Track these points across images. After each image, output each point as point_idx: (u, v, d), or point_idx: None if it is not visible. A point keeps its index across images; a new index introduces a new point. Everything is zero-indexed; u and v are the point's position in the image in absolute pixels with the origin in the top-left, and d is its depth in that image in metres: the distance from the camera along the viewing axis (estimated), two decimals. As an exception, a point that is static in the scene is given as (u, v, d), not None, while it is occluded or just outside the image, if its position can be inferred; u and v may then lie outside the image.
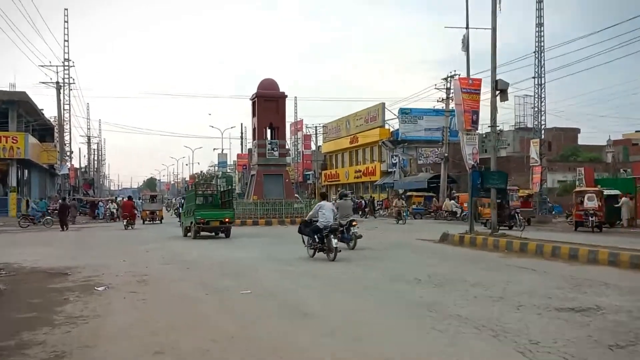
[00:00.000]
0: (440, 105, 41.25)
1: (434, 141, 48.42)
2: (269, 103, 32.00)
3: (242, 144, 67.86)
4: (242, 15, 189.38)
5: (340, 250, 13.14)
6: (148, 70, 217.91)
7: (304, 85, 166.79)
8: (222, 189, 22.84)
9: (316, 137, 60.95)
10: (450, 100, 40.15)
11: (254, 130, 33.25)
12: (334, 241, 12.99)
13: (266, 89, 32.33)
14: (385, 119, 52.19)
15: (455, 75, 38.74)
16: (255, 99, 32.50)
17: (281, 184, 31.89)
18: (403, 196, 46.45)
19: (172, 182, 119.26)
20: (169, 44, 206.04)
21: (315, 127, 60.69)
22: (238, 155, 69.95)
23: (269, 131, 32.77)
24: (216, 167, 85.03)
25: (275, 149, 32.05)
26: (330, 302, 8.13)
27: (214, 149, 75.40)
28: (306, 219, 13.84)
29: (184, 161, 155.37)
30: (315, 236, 13.32)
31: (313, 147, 63.64)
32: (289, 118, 56.53)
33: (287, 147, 36.12)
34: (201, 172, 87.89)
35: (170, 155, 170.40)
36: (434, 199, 38.88)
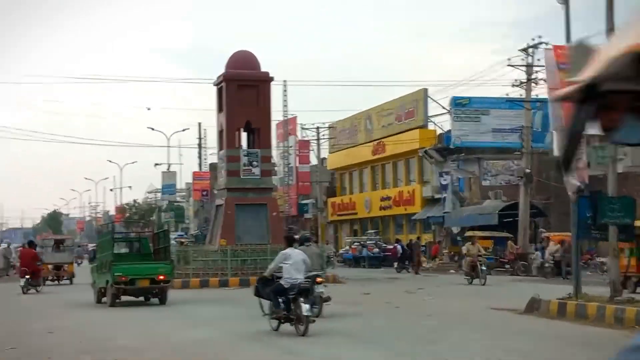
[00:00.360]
0: (518, 93, 41.18)
1: (508, 149, 48.46)
2: (244, 90, 32.41)
3: (199, 157, 67.89)
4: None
5: (314, 320, 14.09)
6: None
7: (296, 64, 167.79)
8: (158, 230, 24.90)
9: (318, 145, 61.34)
10: (534, 85, 40.31)
11: (220, 133, 33.56)
12: (305, 307, 13.77)
13: (240, 68, 32.60)
14: (429, 114, 52.96)
15: (542, 43, 38.67)
16: (223, 83, 32.85)
17: (264, 219, 32.18)
18: (459, 237, 46.32)
19: (88, 219, 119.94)
20: None
21: (317, 127, 60.87)
22: (194, 174, 70.04)
23: (244, 135, 33.20)
24: (158, 194, 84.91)
25: (256, 163, 32.43)
26: None
27: (156, 164, 75.03)
28: (265, 274, 14.92)
29: (107, 185, 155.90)
30: (280, 300, 14.22)
31: (313, 161, 64.21)
32: (276, 115, 56.36)
33: (273, 160, 36.20)
34: (135, 202, 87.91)
35: (84, 176, 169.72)
36: (509, 242, 38.68)
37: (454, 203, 47.85)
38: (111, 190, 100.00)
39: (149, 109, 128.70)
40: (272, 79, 33.15)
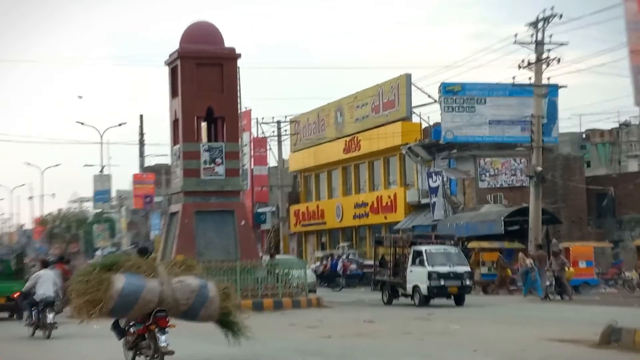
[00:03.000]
0: (525, 76, 39.52)
1: (508, 144, 47.94)
2: (205, 70, 30.96)
3: (141, 156, 64.95)
4: None
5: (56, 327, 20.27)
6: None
7: (250, 45, 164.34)
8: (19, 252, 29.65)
9: (279, 142, 59.92)
10: (545, 65, 38.70)
11: (174, 124, 32.05)
12: (50, 316, 20.11)
13: (199, 42, 31.03)
14: (413, 104, 51.58)
15: (554, 15, 37.71)
16: (177, 61, 31.19)
17: (231, 230, 30.77)
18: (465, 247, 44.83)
19: (3, 233, 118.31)
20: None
21: (278, 122, 59.20)
22: (135, 177, 67.43)
23: (203, 126, 31.79)
24: (85, 204, 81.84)
25: (220, 160, 30.87)
26: None
27: (86, 165, 72.30)
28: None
29: (22, 193, 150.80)
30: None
31: (272, 162, 63.23)
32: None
33: (240, 155, 34.32)
34: (60, 212, 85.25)
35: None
36: (520, 254, 36.94)
37: (445, 209, 46.52)
38: (30, 198, 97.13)
39: (80, 97, 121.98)
40: (238, 56, 31.31)
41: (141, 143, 63.10)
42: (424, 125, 51.47)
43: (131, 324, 14.06)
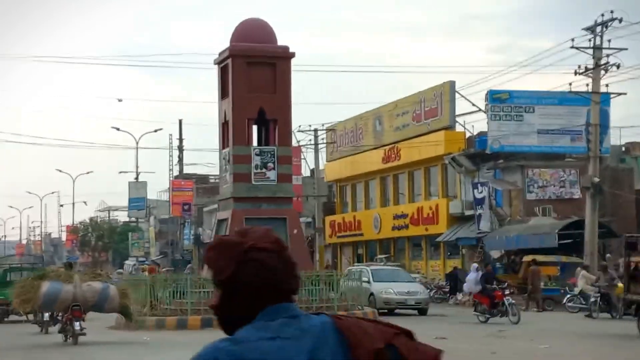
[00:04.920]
0: (582, 83, 37.99)
1: (556, 155, 46.77)
2: (257, 69, 30.06)
3: (180, 162, 63.79)
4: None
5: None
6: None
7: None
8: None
9: (316, 151, 58.50)
10: (604, 71, 37.42)
11: (223, 126, 31.13)
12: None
13: (251, 41, 29.94)
14: (456, 112, 50.36)
15: (614, 19, 36.56)
16: (228, 60, 30.20)
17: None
18: (500, 263, 43.79)
19: (30, 241, 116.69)
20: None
21: (315, 130, 57.77)
22: (173, 184, 66.02)
23: (255, 129, 30.92)
24: (115, 213, 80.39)
25: (271, 165, 29.98)
26: None
27: (120, 172, 71.47)
28: None
29: (52, 201, 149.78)
30: None
31: (305, 172, 61.50)
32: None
33: (298, 159, 32.99)
34: (91, 220, 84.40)
35: (27, 190, 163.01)
36: (581, 270, 35.13)
37: (491, 221, 44.85)
38: (61, 206, 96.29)
39: (120, 100, 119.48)
40: (292, 54, 30.15)
41: (180, 149, 61.66)
42: (467, 134, 50.06)
43: (60, 315, 21.82)
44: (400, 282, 33.37)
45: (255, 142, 30.52)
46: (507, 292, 27.11)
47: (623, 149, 73.34)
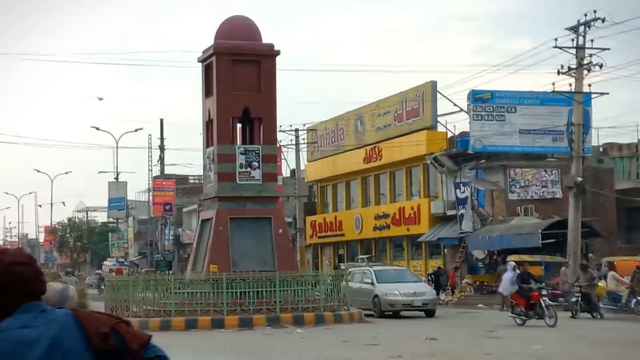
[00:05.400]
0: (565, 83, 38.00)
1: (538, 155, 46.87)
2: (242, 67, 29.66)
3: (161, 162, 63.32)
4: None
5: None
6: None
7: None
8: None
9: (297, 152, 58.34)
10: (587, 71, 37.32)
11: (207, 125, 30.72)
12: None
13: (236, 38, 29.59)
14: (438, 112, 50.29)
15: (596, 19, 36.29)
16: (212, 58, 29.81)
17: (268, 238, 29.30)
18: (482, 263, 43.89)
19: (6, 242, 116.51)
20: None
21: (296, 130, 57.74)
22: (154, 183, 65.37)
23: (239, 128, 30.61)
24: (93, 213, 79.57)
25: (256, 164, 29.53)
26: None
27: (100, 172, 70.87)
28: None
29: (29, 202, 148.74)
30: None
31: (285, 172, 61.39)
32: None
33: (278, 159, 32.70)
34: (69, 220, 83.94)
35: (4, 190, 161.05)
36: (564, 269, 35.25)
37: (474, 221, 44.83)
38: (39, 206, 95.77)
39: (100, 99, 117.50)
40: (278, 52, 29.75)
41: (161, 149, 61.01)
42: (449, 134, 50.08)
43: None
44: (406, 282, 31.94)
45: (239, 141, 30.14)
46: (544, 292, 26.19)
47: (601, 149, 73.69)
